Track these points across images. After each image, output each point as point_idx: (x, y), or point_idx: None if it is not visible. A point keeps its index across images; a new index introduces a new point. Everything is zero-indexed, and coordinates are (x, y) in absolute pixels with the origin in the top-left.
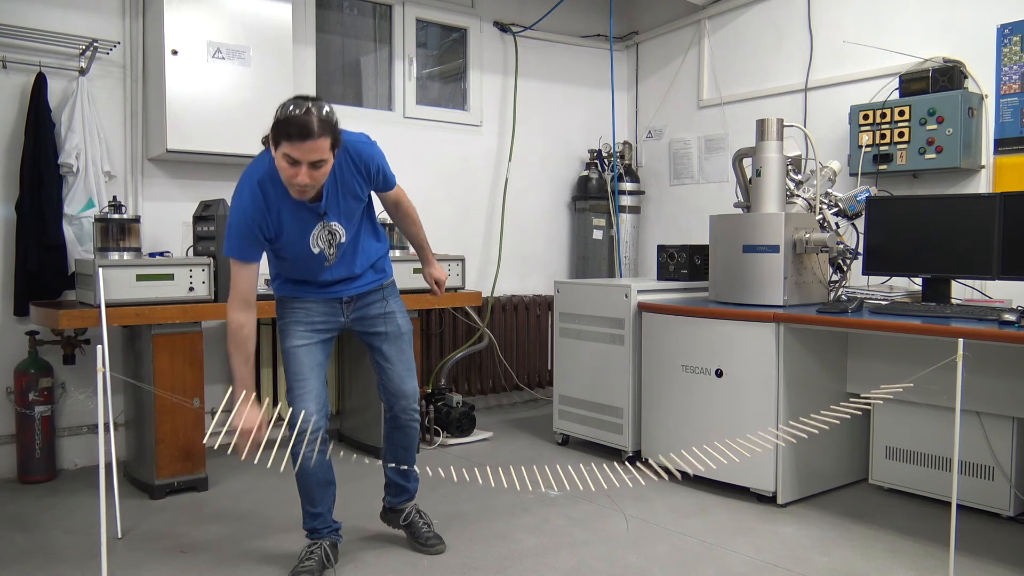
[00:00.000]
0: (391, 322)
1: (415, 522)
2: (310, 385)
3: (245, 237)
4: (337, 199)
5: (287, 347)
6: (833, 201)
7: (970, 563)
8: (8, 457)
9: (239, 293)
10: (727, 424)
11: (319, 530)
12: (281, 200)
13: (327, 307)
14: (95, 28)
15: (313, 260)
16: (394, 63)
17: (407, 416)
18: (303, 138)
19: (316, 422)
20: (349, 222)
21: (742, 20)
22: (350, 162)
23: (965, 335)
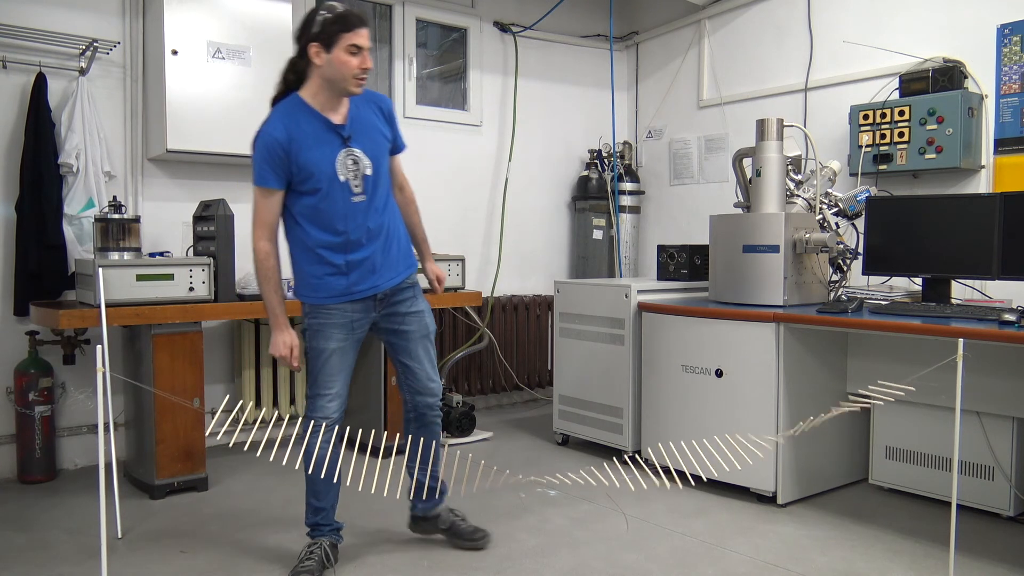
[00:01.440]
0: (419, 321)
1: (455, 523)
2: (337, 389)
3: (269, 161)
4: (361, 128)
5: (319, 347)
6: (833, 201)
7: (970, 563)
8: (8, 457)
9: (263, 223)
10: (727, 424)
11: (320, 526)
12: (305, 124)
13: (363, 306)
14: (95, 28)
15: (341, 193)
16: (394, 63)
17: (433, 413)
18: (362, 25)
19: (335, 419)
20: (373, 157)
21: (742, 20)
22: (368, 100)
23: (965, 335)
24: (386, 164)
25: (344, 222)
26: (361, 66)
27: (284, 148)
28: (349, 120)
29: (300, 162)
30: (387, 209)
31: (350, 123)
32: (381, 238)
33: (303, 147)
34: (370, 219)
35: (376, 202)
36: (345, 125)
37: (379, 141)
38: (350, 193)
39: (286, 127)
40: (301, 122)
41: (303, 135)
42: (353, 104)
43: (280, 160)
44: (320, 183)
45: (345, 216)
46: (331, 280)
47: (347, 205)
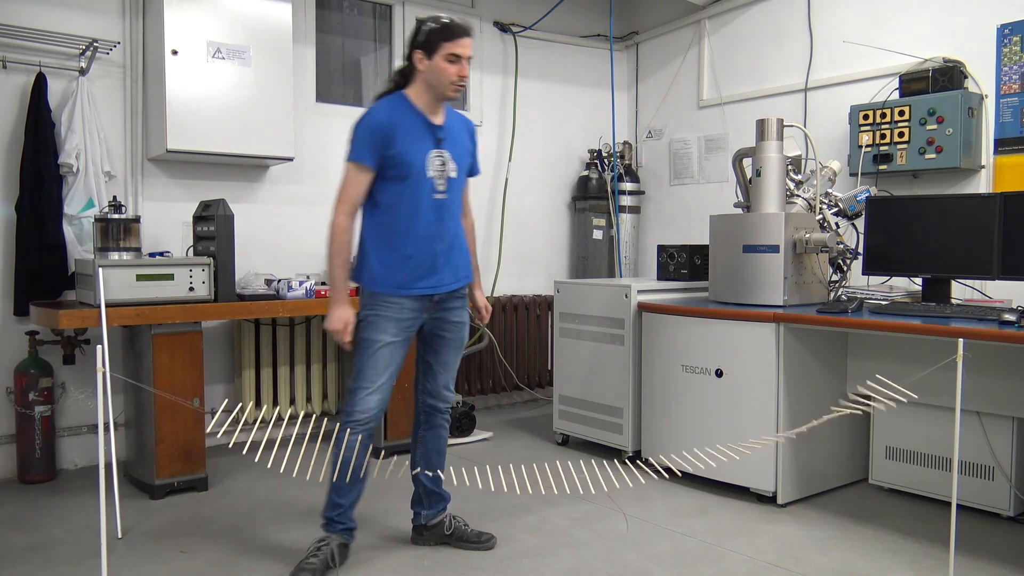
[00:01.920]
0: (459, 332)
1: (459, 528)
2: (380, 382)
3: (369, 140)
4: (453, 135)
5: (372, 339)
6: (833, 201)
7: (970, 563)
8: (8, 457)
9: (349, 198)
10: (727, 424)
11: (335, 522)
12: (407, 118)
13: (418, 304)
14: (95, 28)
15: (425, 188)
16: (394, 63)
17: (442, 417)
18: (464, 35)
19: (373, 416)
20: (459, 163)
21: (742, 20)
22: (460, 119)
23: (965, 335)
24: (464, 177)
25: (422, 216)
26: (459, 74)
27: (385, 131)
28: (446, 126)
29: (396, 148)
30: (458, 216)
31: (446, 128)
32: (449, 241)
33: (401, 135)
34: (445, 219)
35: (452, 205)
36: (442, 127)
37: (464, 154)
38: (433, 190)
39: (390, 114)
40: (404, 113)
41: (404, 125)
42: (449, 114)
43: (379, 141)
44: (409, 172)
45: (424, 210)
46: (396, 270)
47: (428, 200)
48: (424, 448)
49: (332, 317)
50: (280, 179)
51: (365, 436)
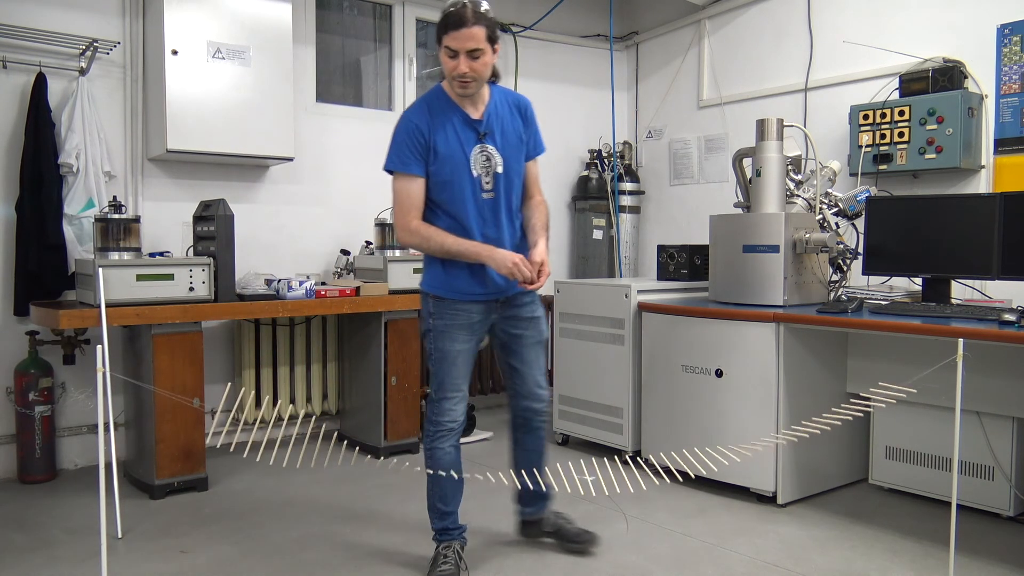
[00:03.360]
0: (536, 326)
1: (561, 526)
2: (464, 391)
3: (410, 145)
4: (499, 125)
5: (446, 349)
6: (833, 201)
7: (970, 563)
8: (8, 457)
9: (408, 210)
10: (727, 424)
11: (450, 530)
12: (444, 115)
13: (485, 308)
14: (95, 28)
15: (472, 188)
16: (394, 63)
17: (540, 418)
18: (458, 27)
19: (461, 424)
20: (506, 156)
21: (742, 20)
22: (509, 101)
23: (965, 335)
24: (519, 165)
25: (474, 218)
26: (455, 70)
27: (424, 133)
28: (486, 116)
29: (437, 149)
30: (514, 211)
31: (487, 119)
32: (509, 239)
33: (440, 134)
34: (500, 218)
35: (506, 202)
36: (482, 121)
37: (514, 141)
38: (480, 189)
39: (426, 113)
40: (441, 110)
41: (440, 123)
42: (493, 101)
43: (421, 145)
44: (452, 173)
45: (475, 212)
46: (458, 276)
47: (477, 201)
48: (523, 450)
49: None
50: (280, 179)
51: (456, 441)
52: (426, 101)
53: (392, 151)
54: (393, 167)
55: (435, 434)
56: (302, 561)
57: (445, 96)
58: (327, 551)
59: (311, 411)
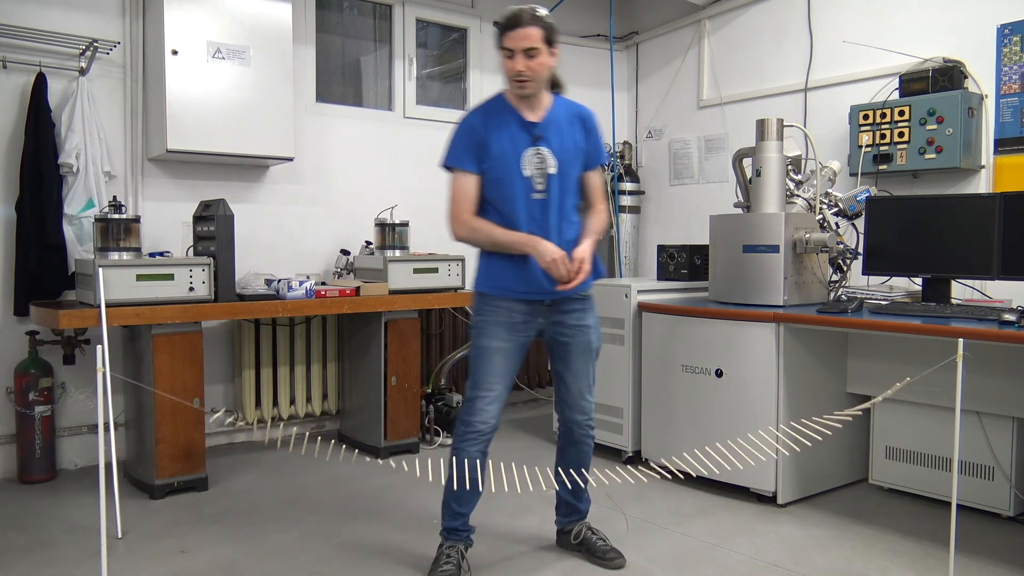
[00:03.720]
0: (583, 335)
1: (588, 539)
2: (497, 392)
3: (465, 143)
4: (555, 130)
5: (484, 345)
6: (833, 201)
7: (970, 563)
8: (8, 457)
9: (461, 204)
10: (727, 424)
11: (458, 531)
12: (500, 118)
13: (529, 308)
14: (95, 28)
15: (523, 188)
16: (394, 63)
17: (582, 431)
18: (514, 27)
19: (493, 427)
20: (561, 160)
21: (742, 20)
22: (572, 110)
23: (965, 335)
24: (574, 171)
25: (523, 216)
26: (512, 69)
27: (479, 133)
28: (544, 120)
29: (490, 148)
30: (568, 216)
31: (544, 123)
32: (558, 242)
33: (494, 135)
34: (549, 219)
35: (556, 204)
36: (539, 124)
37: (569, 147)
38: (531, 189)
39: (483, 115)
40: (498, 113)
41: (496, 124)
42: (554, 108)
43: (475, 144)
44: (504, 172)
45: (525, 211)
46: (503, 272)
47: (527, 200)
48: (564, 461)
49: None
50: (280, 179)
51: (485, 446)
52: (485, 104)
53: (449, 149)
54: (449, 164)
55: (463, 435)
56: (302, 561)
57: (504, 101)
58: (327, 551)
59: (311, 411)
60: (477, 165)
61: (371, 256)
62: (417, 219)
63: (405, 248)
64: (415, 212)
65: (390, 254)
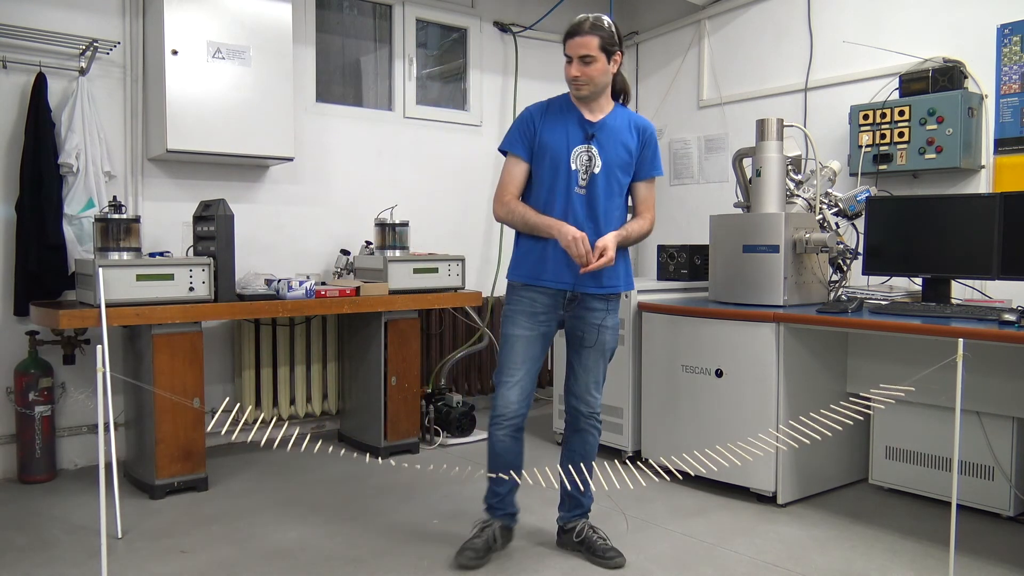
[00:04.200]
0: (600, 335)
1: (589, 537)
2: (518, 377)
3: (520, 129)
4: (609, 133)
5: (508, 333)
6: (833, 201)
7: (970, 563)
8: (8, 457)
9: (506, 187)
10: (727, 424)
11: (494, 508)
12: (561, 113)
13: (551, 300)
14: (95, 28)
15: (566, 180)
16: (394, 63)
17: (587, 421)
18: (573, 36)
19: (516, 411)
20: (608, 162)
21: (742, 20)
22: (629, 118)
23: (965, 335)
24: (621, 176)
25: (560, 207)
26: (570, 74)
27: (535, 122)
28: (601, 122)
29: (542, 138)
30: (607, 217)
31: (600, 124)
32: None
33: (549, 127)
34: (586, 215)
35: (596, 202)
36: (595, 124)
37: (620, 152)
38: (575, 183)
39: (544, 107)
40: (558, 110)
41: (555, 118)
42: (614, 114)
43: (529, 131)
44: (552, 161)
45: (563, 202)
46: (530, 259)
47: (568, 193)
48: (568, 451)
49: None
50: (280, 179)
51: (514, 430)
52: (550, 99)
53: (507, 135)
54: (502, 147)
55: (492, 419)
56: (302, 561)
57: (568, 99)
58: (327, 551)
59: (311, 411)
60: (527, 152)
61: (371, 256)
62: (417, 219)
63: (405, 248)
64: (415, 212)
65: (390, 254)
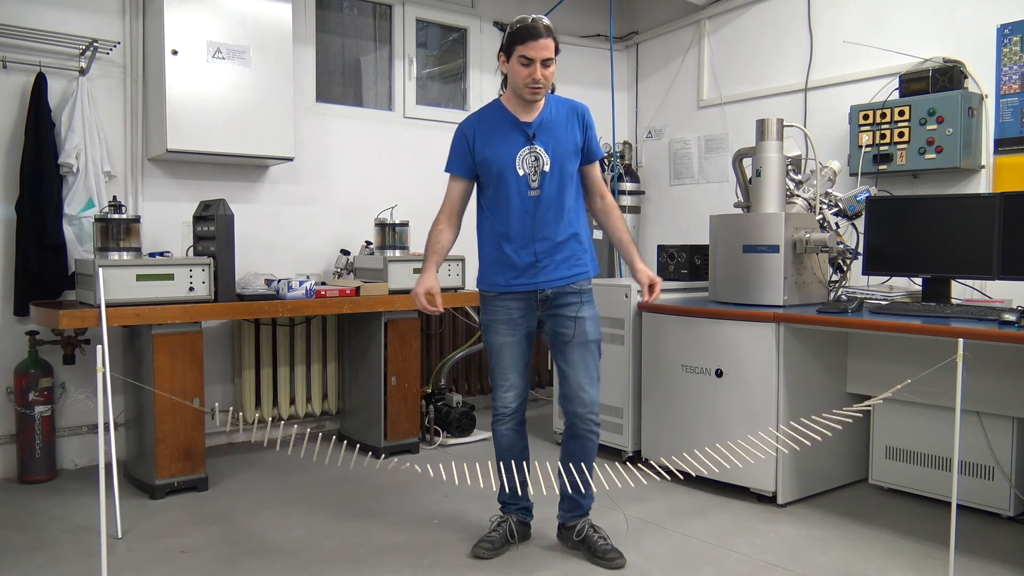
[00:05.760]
0: (579, 327)
1: (589, 536)
2: (511, 380)
3: (456, 150)
4: (549, 129)
5: (490, 341)
6: (833, 201)
7: (970, 563)
8: (8, 457)
9: (446, 203)
10: (727, 424)
11: (507, 504)
12: (495, 122)
13: (524, 303)
14: (95, 28)
15: (517, 186)
16: (394, 63)
17: (584, 425)
18: (535, 38)
19: (515, 408)
20: (555, 156)
21: (742, 20)
22: (566, 106)
23: (965, 335)
24: (570, 166)
25: (517, 214)
26: (530, 76)
27: (469, 141)
28: (538, 120)
29: (481, 155)
30: (565, 210)
31: (538, 122)
32: (552, 237)
33: (486, 142)
34: (543, 215)
35: (552, 199)
36: (532, 123)
37: (565, 143)
38: (527, 187)
39: (474, 124)
40: (491, 120)
41: (489, 131)
42: (548, 107)
43: (465, 151)
44: (499, 172)
45: (519, 209)
46: (497, 269)
47: (522, 199)
48: (566, 454)
49: (417, 284)
50: (280, 179)
51: (516, 424)
52: (480, 112)
53: (448, 154)
54: (446, 169)
55: (494, 418)
56: (302, 561)
57: (500, 106)
58: (327, 551)
59: (311, 411)
60: (466, 171)
61: (371, 256)
62: (417, 219)
63: (405, 248)
64: (415, 212)
65: (390, 254)
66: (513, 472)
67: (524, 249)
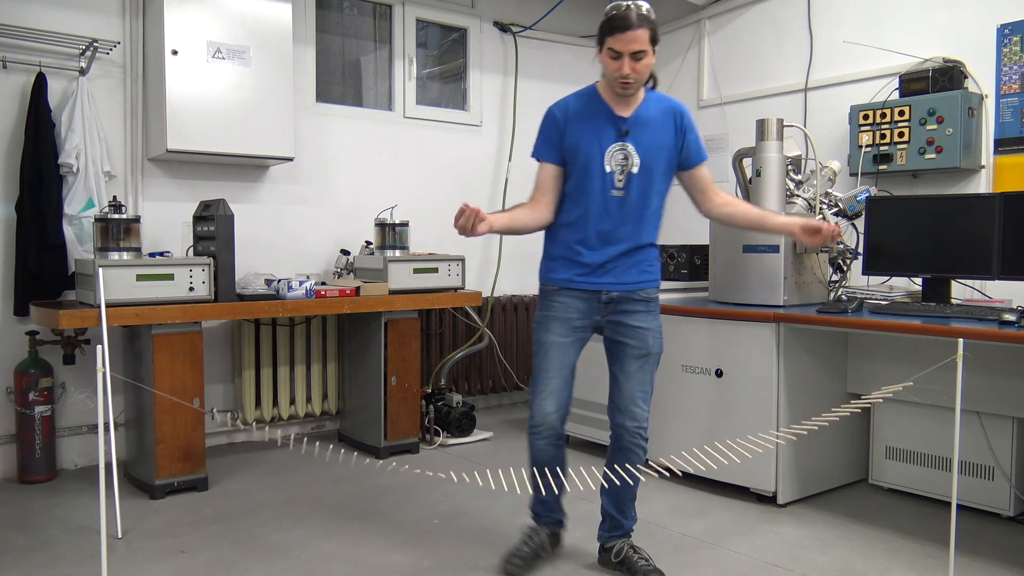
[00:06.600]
0: (642, 338)
1: (629, 557)
2: (553, 385)
3: (545, 134)
4: (644, 127)
5: (541, 339)
6: (833, 201)
7: (970, 563)
8: (8, 457)
9: (536, 188)
10: (727, 424)
11: (540, 515)
12: (589, 110)
13: (585, 304)
14: (95, 28)
15: (601, 182)
16: (394, 63)
17: (632, 439)
18: (624, 29)
19: (553, 421)
20: (646, 159)
21: (742, 20)
22: (664, 105)
23: (965, 335)
24: (658, 170)
25: (596, 211)
26: (618, 71)
27: (560, 125)
28: (634, 116)
29: (570, 141)
30: (647, 218)
31: (633, 119)
32: (626, 241)
33: (577, 128)
34: (623, 217)
35: (634, 202)
36: (627, 119)
37: (657, 145)
38: (611, 186)
39: (568, 107)
40: (586, 106)
41: (581, 118)
42: (645, 103)
43: (555, 135)
44: (584, 165)
45: (599, 206)
46: (563, 265)
47: (605, 196)
48: (611, 469)
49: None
50: (280, 179)
51: (555, 438)
52: (575, 95)
53: (535, 140)
54: (533, 155)
55: (530, 428)
56: (302, 561)
57: (596, 93)
58: (327, 551)
59: (311, 411)
60: (556, 155)
61: (371, 256)
62: (417, 219)
63: (405, 248)
64: (415, 212)
65: (390, 254)
66: (549, 479)
67: (596, 251)
